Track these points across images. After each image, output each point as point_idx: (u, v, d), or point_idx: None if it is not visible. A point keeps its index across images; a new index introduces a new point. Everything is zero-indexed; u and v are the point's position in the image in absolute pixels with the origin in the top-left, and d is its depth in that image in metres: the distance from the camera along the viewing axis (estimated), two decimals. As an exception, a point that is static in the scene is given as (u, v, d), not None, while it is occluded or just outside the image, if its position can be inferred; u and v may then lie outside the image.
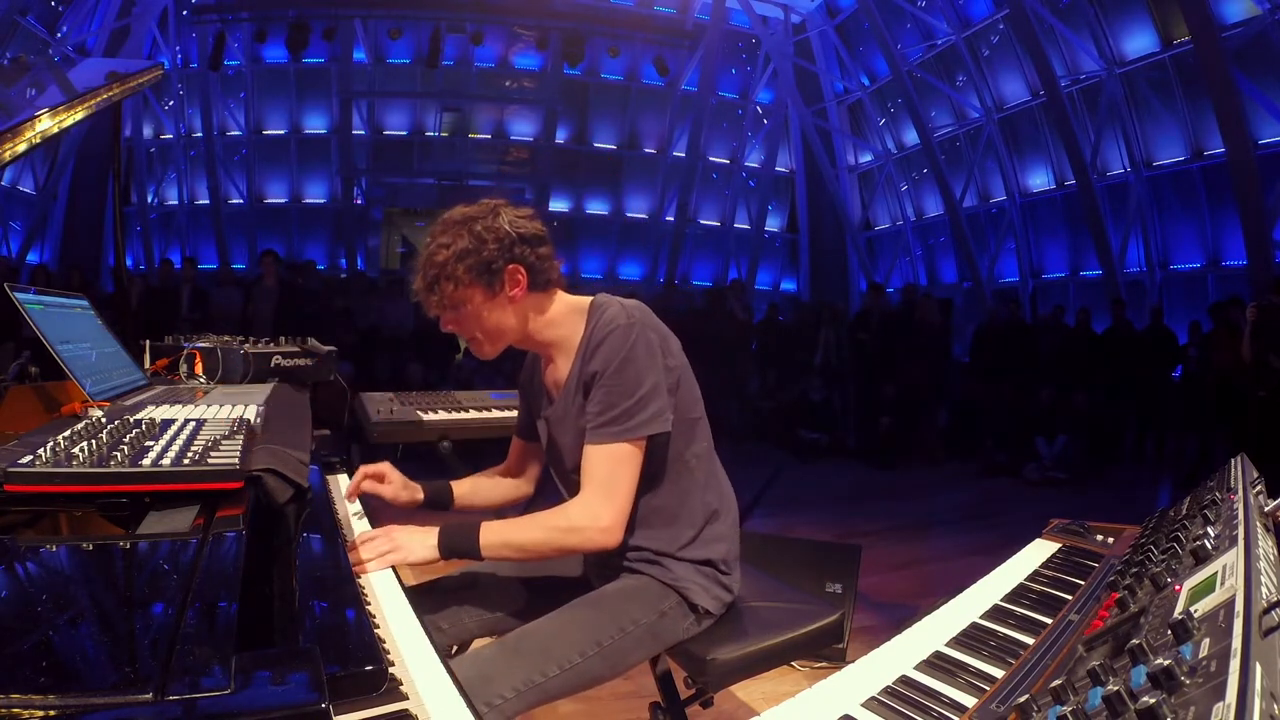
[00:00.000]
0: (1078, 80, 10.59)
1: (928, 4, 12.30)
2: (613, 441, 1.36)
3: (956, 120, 12.81)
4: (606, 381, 1.36)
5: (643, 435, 1.36)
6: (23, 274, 9.84)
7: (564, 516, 1.38)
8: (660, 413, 1.38)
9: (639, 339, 1.36)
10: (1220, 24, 8.37)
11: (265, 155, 14.26)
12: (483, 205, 1.43)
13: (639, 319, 1.39)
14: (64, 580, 0.82)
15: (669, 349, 1.43)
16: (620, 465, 1.36)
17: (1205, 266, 9.96)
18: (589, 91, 14.63)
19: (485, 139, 14.37)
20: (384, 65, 13.95)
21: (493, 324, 1.42)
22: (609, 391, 1.36)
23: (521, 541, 1.38)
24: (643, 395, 1.36)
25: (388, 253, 14.92)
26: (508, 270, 1.39)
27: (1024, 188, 12.15)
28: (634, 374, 1.35)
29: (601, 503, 1.36)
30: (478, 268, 1.37)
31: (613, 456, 1.36)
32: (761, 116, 15.29)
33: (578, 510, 1.37)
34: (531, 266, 1.41)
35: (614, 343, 1.36)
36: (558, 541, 1.39)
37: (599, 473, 1.37)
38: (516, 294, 1.40)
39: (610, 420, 1.36)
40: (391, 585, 1.23)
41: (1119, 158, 10.57)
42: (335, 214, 14.11)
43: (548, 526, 1.38)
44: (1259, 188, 8.21)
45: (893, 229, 14.85)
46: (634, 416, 1.35)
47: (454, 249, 1.37)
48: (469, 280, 1.38)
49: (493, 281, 1.39)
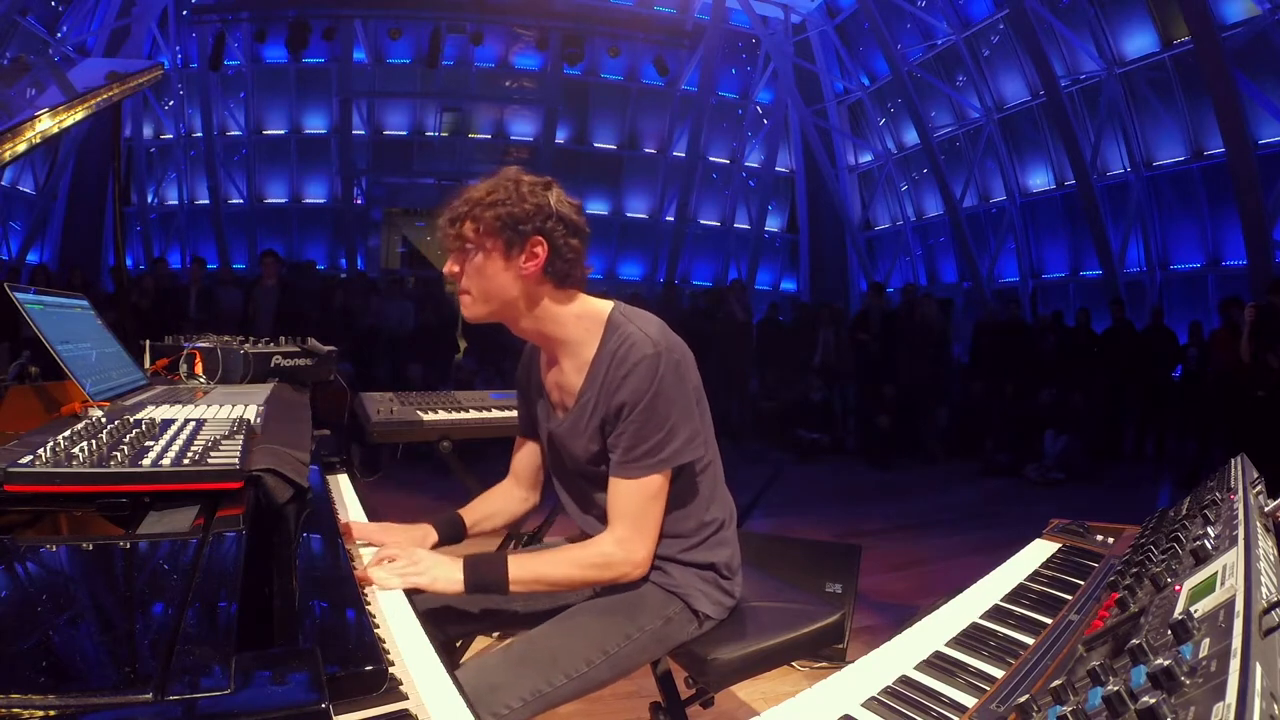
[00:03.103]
0: (1078, 80, 10.59)
1: (928, 4, 12.30)
2: (644, 475, 1.35)
3: (956, 120, 12.82)
4: (637, 417, 1.33)
5: (673, 466, 1.36)
6: (23, 274, 9.84)
7: (598, 553, 1.37)
8: (690, 439, 1.37)
9: (666, 369, 1.34)
10: (1220, 24, 8.37)
11: (265, 155, 14.27)
12: (540, 176, 1.40)
13: (663, 345, 1.35)
14: (64, 580, 0.82)
15: (691, 368, 1.40)
16: (651, 499, 1.36)
17: (1205, 266, 9.96)
18: (589, 91, 14.64)
19: (485, 139, 14.38)
20: (384, 65, 13.96)
21: (493, 286, 1.36)
22: (640, 426, 1.33)
23: (553, 577, 1.37)
24: (672, 426, 1.34)
25: (388, 253, 14.93)
26: (531, 239, 1.34)
27: (1024, 188, 12.15)
28: (664, 406, 1.33)
29: (635, 538, 1.36)
30: (505, 220, 1.33)
31: (644, 491, 1.35)
32: (761, 116, 15.29)
33: (612, 546, 1.36)
34: (557, 248, 1.35)
35: (642, 375, 1.32)
36: (591, 577, 1.39)
37: (631, 508, 1.36)
38: (530, 268, 1.35)
39: (642, 454, 1.34)
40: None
41: (1119, 158, 10.58)
42: (335, 214, 14.12)
43: (581, 563, 1.37)
44: (1259, 188, 8.21)
45: (893, 229, 14.86)
46: (665, 448, 1.34)
47: (493, 194, 1.35)
48: (491, 229, 1.34)
49: (513, 241, 1.34)
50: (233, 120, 13.94)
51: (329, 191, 14.30)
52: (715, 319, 8.29)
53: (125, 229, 2.91)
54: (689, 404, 1.38)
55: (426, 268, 13.82)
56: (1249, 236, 8.41)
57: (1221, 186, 9.10)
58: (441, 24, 12.40)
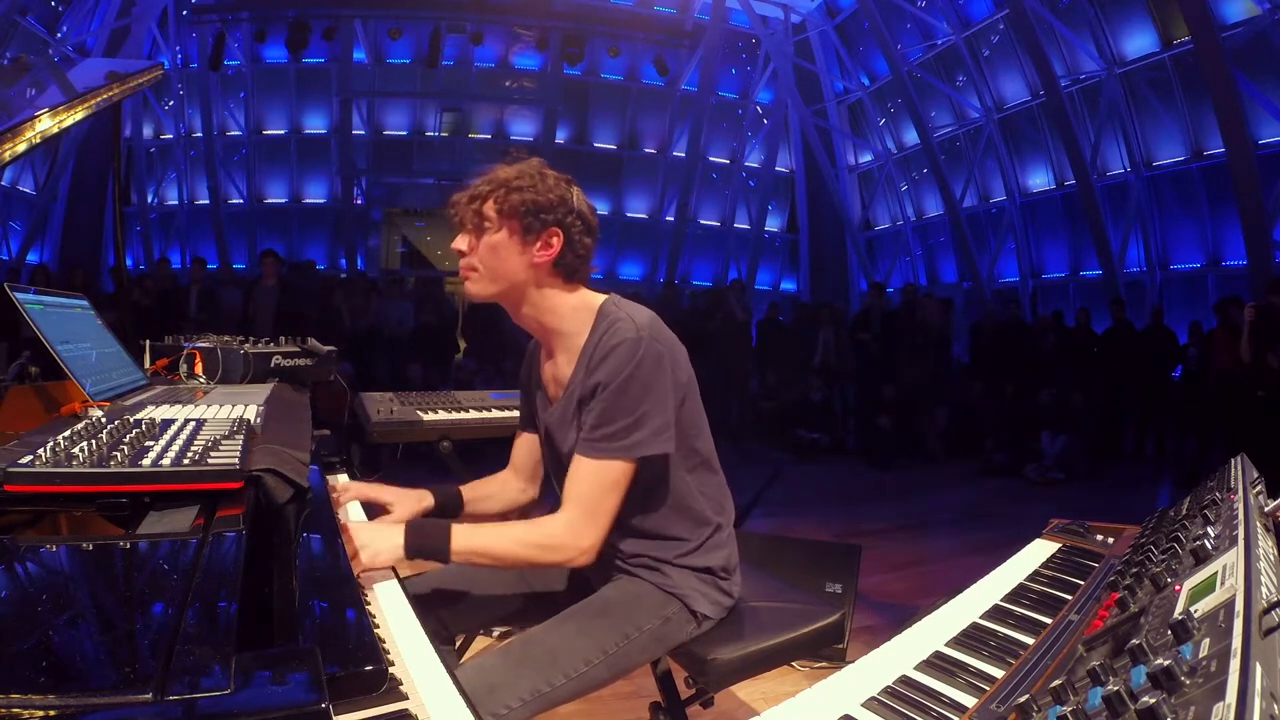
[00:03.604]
0: (1078, 80, 10.60)
1: (928, 4, 12.31)
2: (604, 458, 1.33)
3: (956, 120, 12.82)
4: (608, 396, 1.32)
5: (636, 456, 1.33)
6: (23, 274, 9.84)
7: (544, 533, 1.35)
8: (659, 432, 1.34)
9: (646, 354, 1.32)
10: (1220, 24, 8.38)
11: (265, 155, 14.27)
12: (562, 174, 1.43)
13: (647, 332, 1.35)
14: (64, 580, 0.82)
15: (677, 362, 1.39)
16: (608, 487, 1.33)
17: (1205, 266, 9.97)
18: (589, 91, 14.64)
19: (485, 139, 14.38)
20: (384, 65, 13.96)
21: (504, 267, 1.38)
22: (609, 406, 1.32)
23: (496, 551, 1.35)
24: (642, 414, 1.32)
25: (388, 253, 14.93)
26: (550, 229, 1.36)
27: (1024, 188, 12.15)
28: (637, 391, 1.32)
29: (585, 522, 1.33)
30: (529, 205, 1.35)
31: (602, 476, 1.33)
32: (761, 116, 15.29)
33: (559, 527, 1.34)
34: (571, 242, 1.38)
35: (620, 356, 1.32)
36: (534, 557, 1.36)
37: (586, 491, 1.33)
38: (543, 257, 1.37)
39: (606, 436, 1.32)
40: (392, 585, 1.23)
41: (1119, 158, 10.58)
42: (335, 214, 14.12)
43: (525, 541, 1.35)
44: (1259, 188, 8.21)
45: (893, 229, 14.86)
46: (630, 435, 1.32)
47: (519, 179, 1.37)
48: (511, 212, 1.35)
49: (532, 228, 1.36)
50: (233, 120, 13.94)
51: (329, 191, 14.31)
52: (715, 319, 8.29)
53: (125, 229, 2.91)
54: (665, 396, 1.35)
55: (426, 268, 13.84)
56: (1249, 236, 8.41)
57: (1221, 186, 9.10)
58: (441, 24, 12.40)
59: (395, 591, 1.21)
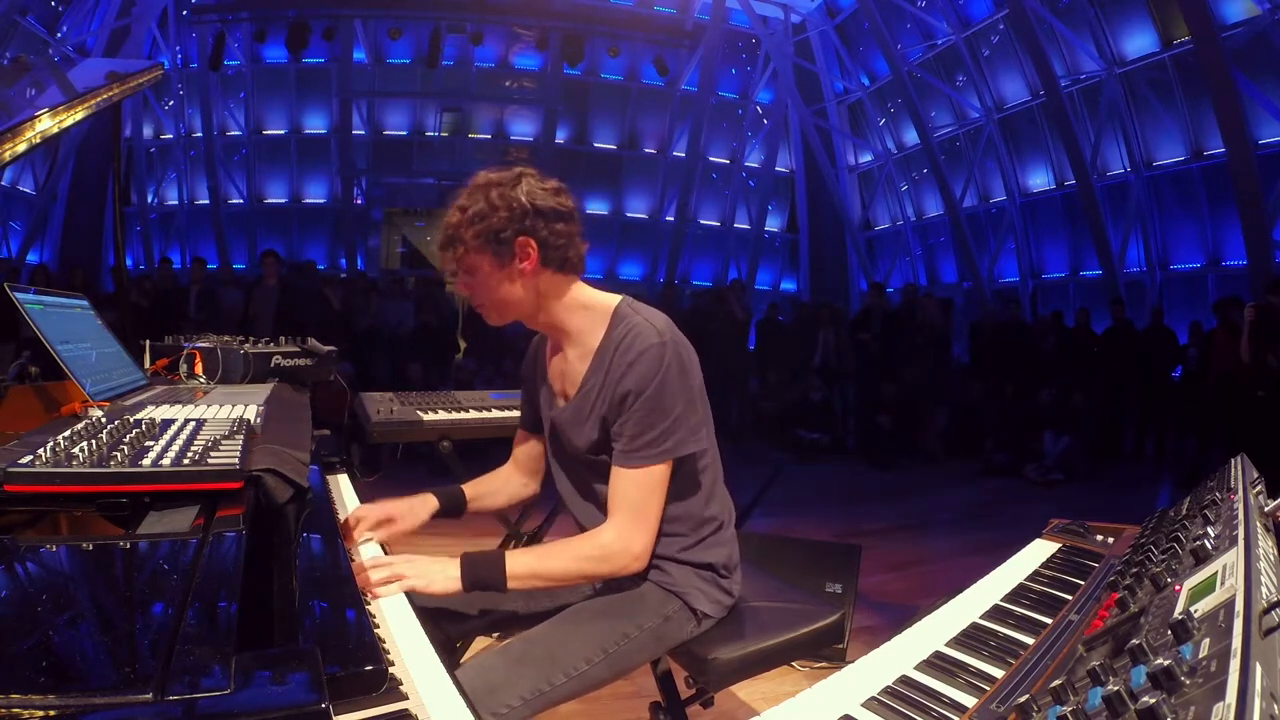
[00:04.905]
0: (1078, 80, 10.59)
1: (928, 4, 12.30)
2: (646, 465, 1.34)
3: (956, 120, 12.82)
4: (642, 405, 1.33)
5: (675, 456, 1.36)
6: (23, 274, 9.84)
7: (596, 545, 1.36)
8: (694, 430, 1.37)
9: (672, 359, 1.34)
10: (1220, 24, 8.37)
11: (265, 155, 14.27)
12: (509, 171, 1.40)
13: (669, 337, 1.37)
14: (64, 580, 0.82)
15: (693, 365, 1.41)
16: (652, 490, 1.36)
17: (1205, 266, 9.96)
18: (589, 91, 14.64)
19: (485, 139, 14.38)
20: (384, 65, 13.96)
21: (501, 295, 1.39)
22: (646, 414, 1.33)
23: (551, 572, 1.37)
24: (677, 416, 1.34)
25: (388, 253, 14.93)
26: (518, 242, 1.35)
27: (1024, 188, 12.15)
28: (669, 396, 1.34)
29: (634, 529, 1.35)
30: (485, 235, 1.34)
31: (646, 481, 1.35)
32: (761, 116, 15.29)
33: (611, 537, 1.35)
34: (544, 242, 1.36)
35: (649, 363, 1.33)
36: (590, 570, 1.38)
37: (632, 498, 1.35)
38: (527, 267, 1.37)
39: (647, 444, 1.34)
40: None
41: (1119, 158, 10.58)
42: (335, 214, 14.12)
43: (579, 556, 1.36)
44: (1259, 188, 8.21)
45: (893, 229, 14.86)
46: (669, 438, 1.34)
47: (467, 213, 1.36)
48: (477, 246, 1.35)
49: (501, 251, 1.35)
50: (233, 120, 13.94)
51: (329, 191, 14.30)
52: (715, 319, 8.29)
53: (125, 229, 2.91)
54: (692, 396, 1.38)
55: (426, 268, 13.82)
56: (1249, 236, 8.41)
57: (1221, 186, 9.09)
58: (441, 24, 12.40)
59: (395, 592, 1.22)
